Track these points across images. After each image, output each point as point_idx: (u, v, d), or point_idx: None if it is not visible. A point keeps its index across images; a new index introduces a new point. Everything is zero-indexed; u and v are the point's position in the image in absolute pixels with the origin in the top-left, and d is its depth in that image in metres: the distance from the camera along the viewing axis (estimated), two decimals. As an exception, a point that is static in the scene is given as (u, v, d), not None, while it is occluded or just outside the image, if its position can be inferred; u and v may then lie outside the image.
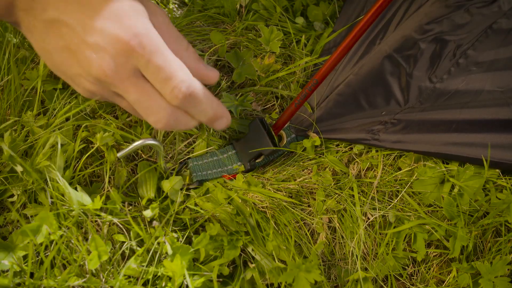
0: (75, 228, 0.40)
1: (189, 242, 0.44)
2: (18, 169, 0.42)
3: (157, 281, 0.40)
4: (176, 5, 0.62)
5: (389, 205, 0.47)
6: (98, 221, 0.42)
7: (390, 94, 0.50)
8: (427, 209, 0.47)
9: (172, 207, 0.45)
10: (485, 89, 0.46)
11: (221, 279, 0.42)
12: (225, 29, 0.58)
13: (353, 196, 0.47)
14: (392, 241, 0.46)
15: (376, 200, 0.48)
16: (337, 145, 0.52)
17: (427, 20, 0.49)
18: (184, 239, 0.44)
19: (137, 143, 0.43)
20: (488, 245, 0.46)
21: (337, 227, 0.47)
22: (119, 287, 0.37)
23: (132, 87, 0.37)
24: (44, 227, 0.38)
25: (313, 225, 0.47)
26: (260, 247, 0.44)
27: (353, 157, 0.51)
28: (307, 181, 0.48)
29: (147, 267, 0.39)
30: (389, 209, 0.47)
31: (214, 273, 0.39)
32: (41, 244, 0.38)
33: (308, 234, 0.47)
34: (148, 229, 0.43)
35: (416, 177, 0.47)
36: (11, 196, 0.44)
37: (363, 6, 0.56)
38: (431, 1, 0.49)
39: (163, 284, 0.39)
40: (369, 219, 0.47)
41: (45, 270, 0.37)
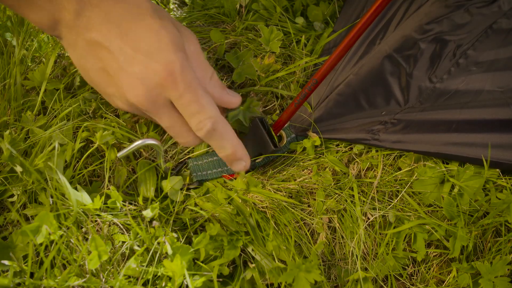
0: (75, 228, 0.40)
1: (189, 242, 0.44)
2: (18, 169, 0.42)
3: (157, 281, 0.40)
4: (176, 5, 0.62)
5: (389, 205, 0.47)
6: (98, 221, 0.42)
7: (390, 94, 0.50)
8: (427, 209, 0.47)
9: (172, 207, 0.45)
10: (485, 89, 0.46)
11: (221, 279, 0.42)
12: (225, 29, 0.58)
13: (353, 196, 0.47)
14: (392, 241, 0.46)
15: (376, 200, 0.48)
16: (337, 145, 0.52)
17: (427, 20, 0.49)
18: (184, 239, 0.44)
19: (137, 143, 0.43)
20: (488, 245, 0.46)
21: (337, 227, 0.47)
22: (119, 287, 0.37)
23: (164, 115, 0.40)
24: (44, 227, 0.38)
25: (313, 225, 0.47)
26: (260, 247, 0.44)
27: (353, 157, 0.51)
28: (307, 181, 0.48)
29: (147, 267, 0.39)
30: (389, 209, 0.47)
31: (214, 273, 0.39)
32: (41, 244, 0.38)
33: (308, 234, 0.47)
34: (148, 229, 0.43)
35: (416, 177, 0.47)
36: (11, 196, 0.44)
37: (363, 6, 0.56)
38: (431, 1, 0.49)
39: (163, 284, 0.39)
40: (369, 219, 0.47)
41: (45, 270, 0.36)
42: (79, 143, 0.46)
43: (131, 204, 0.45)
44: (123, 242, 0.42)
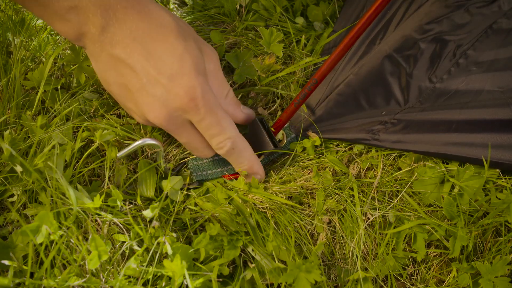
0: (75, 227, 0.40)
1: (189, 242, 0.44)
2: (18, 169, 0.42)
3: (157, 281, 0.40)
4: (176, 5, 0.62)
5: (389, 205, 0.47)
6: (98, 221, 0.42)
7: (390, 94, 0.50)
8: (427, 209, 0.47)
9: (172, 207, 0.45)
10: (485, 89, 0.46)
11: (221, 279, 0.42)
12: (225, 29, 0.58)
13: (353, 196, 0.47)
14: (392, 241, 0.46)
15: (376, 200, 0.48)
16: (337, 145, 0.52)
17: (427, 20, 0.49)
18: (184, 239, 0.44)
19: (137, 143, 0.43)
20: (488, 245, 0.46)
21: (337, 227, 0.47)
22: (119, 287, 0.37)
23: (183, 134, 0.43)
24: (44, 227, 0.38)
25: (313, 225, 0.47)
26: (260, 247, 0.44)
27: (353, 157, 0.51)
28: (307, 182, 0.48)
29: (147, 267, 0.39)
30: (389, 209, 0.47)
31: (214, 273, 0.39)
32: (41, 244, 0.38)
33: (308, 234, 0.47)
34: (148, 229, 0.43)
35: (416, 177, 0.47)
36: (11, 196, 0.44)
37: (363, 6, 0.56)
38: (431, 1, 0.50)
39: (163, 284, 0.39)
40: (369, 219, 0.47)
41: (45, 270, 0.36)
42: (79, 142, 0.46)
43: (131, 203, 0.45)
44: (123, 242, 0.41)
